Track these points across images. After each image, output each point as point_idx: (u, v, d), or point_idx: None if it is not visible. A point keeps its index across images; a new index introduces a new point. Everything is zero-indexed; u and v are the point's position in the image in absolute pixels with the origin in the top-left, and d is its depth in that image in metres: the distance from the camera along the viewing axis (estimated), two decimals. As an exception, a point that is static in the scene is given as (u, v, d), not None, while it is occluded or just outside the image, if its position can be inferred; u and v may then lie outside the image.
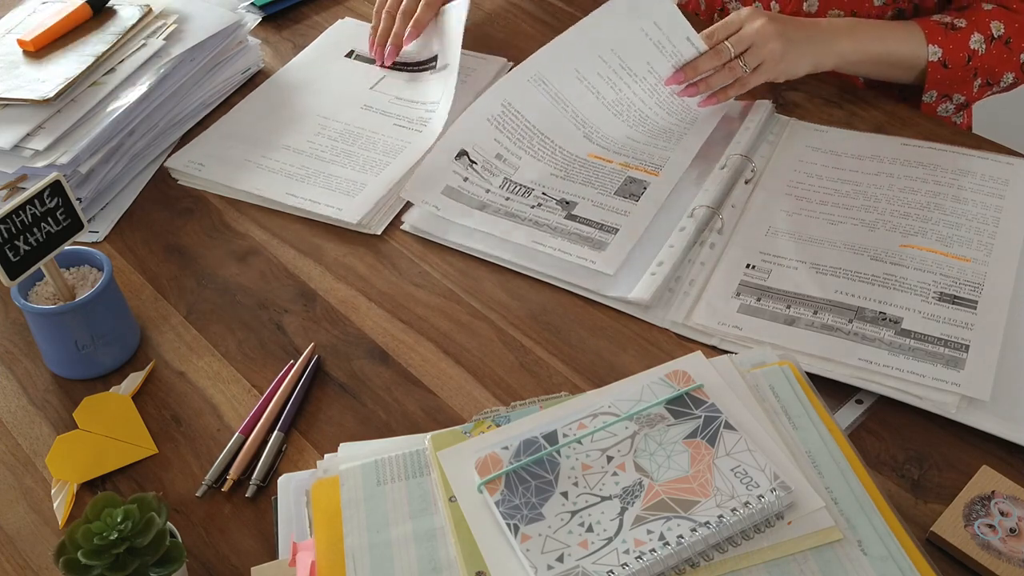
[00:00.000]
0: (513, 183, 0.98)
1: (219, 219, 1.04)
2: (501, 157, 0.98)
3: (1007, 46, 1.07)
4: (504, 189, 0.98)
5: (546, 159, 1.01)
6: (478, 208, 0.98)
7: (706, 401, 0.73)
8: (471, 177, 0.97)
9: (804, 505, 0.67)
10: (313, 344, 0.90)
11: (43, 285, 0.86)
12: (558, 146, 1.03)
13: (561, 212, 0.98)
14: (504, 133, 1.01)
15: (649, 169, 1.02)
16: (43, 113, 1.02)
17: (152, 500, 0.67)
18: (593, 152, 1.04)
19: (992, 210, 0.97)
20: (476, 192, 0.98)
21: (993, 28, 1.07)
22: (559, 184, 1.01)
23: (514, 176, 0.99)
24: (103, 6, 1.14)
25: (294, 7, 1.35)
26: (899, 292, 0.89)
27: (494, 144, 1.02)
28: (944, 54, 1.06)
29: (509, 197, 0.97)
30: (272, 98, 1.18)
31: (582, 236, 0.96)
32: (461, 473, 0.70)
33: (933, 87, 1.09)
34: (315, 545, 0.68)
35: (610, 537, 0.65)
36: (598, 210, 0.99)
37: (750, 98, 1.12)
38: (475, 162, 0.98)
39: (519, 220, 0.98)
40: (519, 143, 1.02)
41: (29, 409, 0.86)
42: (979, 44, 1.06)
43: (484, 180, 0.97)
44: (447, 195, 0.98)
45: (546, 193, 0.99)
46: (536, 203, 0.97)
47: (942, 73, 1.07)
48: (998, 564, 0.70)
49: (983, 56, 1.07)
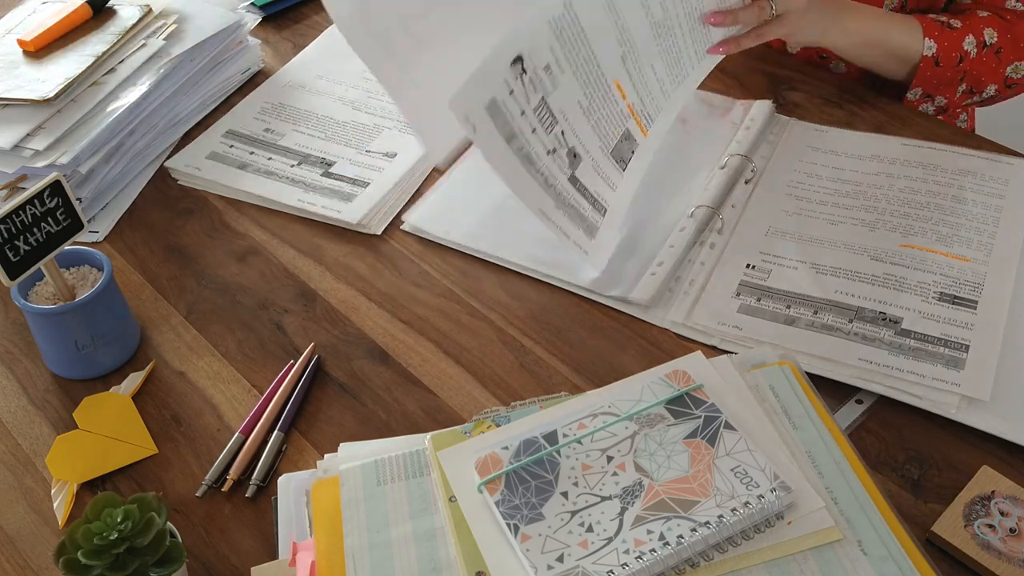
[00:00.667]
0: (547, 108, 0.89)
1: (219, 219, 1.04)
2: (548, 70, 0.90)
3: (996, 56, 1.06)
4: (536, 113, 0.88)
5: (582, 77, 0.91)
6: (506, 137, 0.86)
7: (706, 401, 0.73)
8: (516, 90, 0.86)
9: (804, 505, 0.67)
10: (313, 344, 0.90)
11: (43, 285, 0.86)
12: (597, 63, 0.92)
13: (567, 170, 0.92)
14: (559, 41, 0.89)
15: (643, 124, 0.98)
16: (43, 113, 1.02)
17: (152, 500, 0.67)
18: (618, 79, 0.95)
19: (992, 210, 0.97)
20: (513, 112, 0.86)
21: (987, 35, 1.06)
22: (576, 122, 0.92)
23: (549, 99, 0.89)
24: (103, 6, 1.14)
25: (294, 7, 1.35)
26: (899, 292, 0.89)
27: (548, 51, 0.89)
28: (938, 50, 1.06)
29: (535, 128, 0.88)
30: (272, 98, 1.18)
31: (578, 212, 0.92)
32: (461, 473, 0.70)
33: (920, 84, 1.09)
34: (315, 545, 0.68)
35: (610, 537, 0.65)
36: (595, 177, 0.94)
37: (750, 98, 1.12)
38: (525, 71, 0.86)
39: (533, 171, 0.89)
40: (569, 55, 0.90)
41: (29, 409, 0.86)
42: (972, 47, 1.06)
43: (525, 97, 0.87)
44: (489, 111, 0.85)
45: (564, 133, 0.91)
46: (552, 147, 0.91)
47: (932, 70, 1.07)
48: (998, 564, 0.70)
49: (973, 60, 1.06)
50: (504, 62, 0.86)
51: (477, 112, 0.85)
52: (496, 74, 0.86)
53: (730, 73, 1.18)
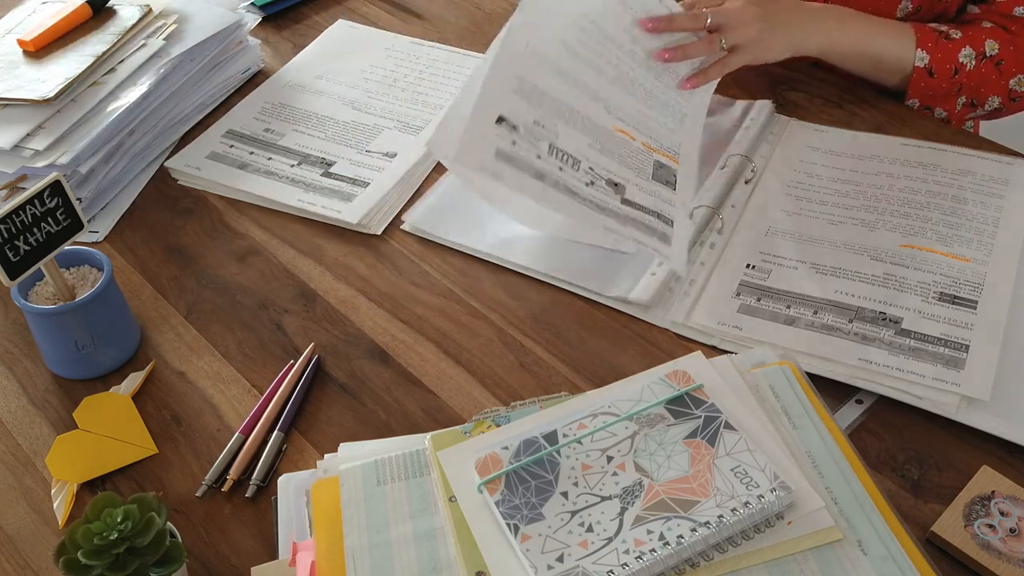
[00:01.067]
0: (560, 151, 0.89)
1: (219, 219, 1.04)
2: (538, 123, 0.89)
3: (997, 68, 1.05)
4: (554, 156, 0.88)
5: (579, 127, 0.92)
6: (537, 176, 0.87)
7: (706, 401, 0.73)
8: (517, 141, 0.86)
9: (804, 505, 0.67)
10: (313, 344, 0.90)
11: (43, 285, 0.86)
12: (583, 116, 0.93)
13: (616, 196, 0.91)
14: (531, 103, 0.89)
15: (669, 155, 0.98)
16: (43, 113, 1.02)
17: (152, 500, 0.67)
18: (616, 126, 0.95)
19: (992, 210, 0.97)
20: (529, 158, 0.87)
21: (987, 47, 1.05)
22: (600, 159, 0.92)
23: (558, 143, 0.89)
24: (103, 6, 1.14)
25: (294, 7, 1.35)
26: (899, 292, 0.89)
27: (527, 111, 0.89)
28: (931, 61, 1.05)
29: (562, 167, 0.88)
30: (272, 98, 1.18)
31: (645, 224, 0.91)
32: (461, 473, 0.70)
33: (916, 95, 1.08)
34: (315, 545, 0.68)
35: (610, 537, 0.65)
36: (648, 197, 0.93)
37: (750, 98, 1.12)
38: (516, 127, 0.86)
39: (580, 199, 0.89)
40: (549, 111, 0.90)
41: (29, 409, 0.86)
42: (968, 59, 1.04)
43: (532, 145, 0.87)
44: (502, 159, 0.85)
45: (593, 168, 0.91)
46: (589, 180, 0.90)
47: (926, 81, 1.06)
48: (998, 564, 0.70)
49: (970, 72, 1.05)
50: (488, 122, 0.86)
51: (491, 162, 0.85)
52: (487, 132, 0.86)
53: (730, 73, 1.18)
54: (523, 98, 0.89)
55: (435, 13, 1.33)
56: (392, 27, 1.30)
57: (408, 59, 1.24)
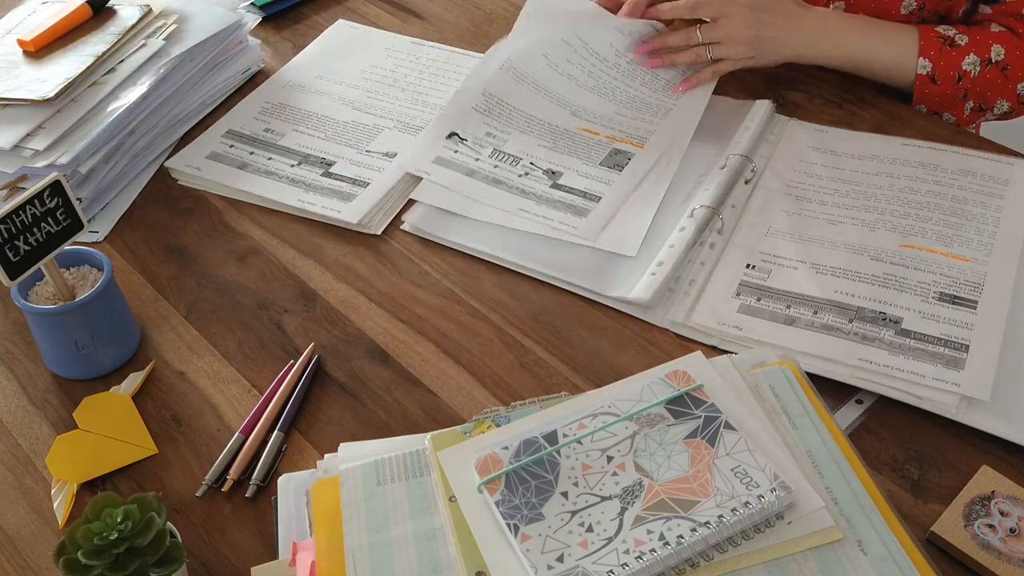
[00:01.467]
0: (503, 153, 1.03)
1: (219, 219, 1.04)
2: (490, 135, 1.03)
3: (1003, 72, 1.05)
4: (493, 158, 1.03)
5: (535, 133, 1.06)
6: (466, 174, 1.02)
7: (706, 401, 0.73)
8: (461, 150, 1.03)
9: (804, 505, 0.67)
10: (313, 344, 0.90)
11: (43, 285, 0.86)
12: (546, 123, 1.07)
13: (547, 182, 1.01)
14: (490, 117, 1.06)
15: (634, 141, 1.06)
16: (43, 113, 1.02)
17: (152, 500, 0.67)
18: (581, 126, 1.07)
19: (992, 210, 0.97)
20: (466, 161, 1.03)
21: (993, 52, 1.05)
22: (546, 155, 1.05)
23: (504, 147, 1.04)
24: (103, 6, 1.14)
25: (294, 7, 1.35)
26: (899, 292, 0.89)
27: (481, 125, 1.07)
28: (934, 69, 1.05)
29: (498, 165, 1.02)
30: (272, 98, 1.18)
31: (565, 203, 0.99)
32: (461, 473, 0.70)
33: (922, 101, 1.08)
34: (315, 545, 0.68)
35: (610, 537, 0.65)
36: (583, 179, 1.02)
37: (750, 98, 1.12)
38: (464, 139, 1.03)
39: (506, 187, 1.01)
40: (506, 122, 1.06)
41: (29, 409, 0.86)
42: (973, 66, 1.04)
43: (474, 151, 1.02)
44: (438, 164, 1.03)
45: (533, 163, 1.03)
46: (524, 172, 1.01)
47: (930, 88, 1.06)
48: (998, 564, 0.70)
49: (975, 79, 1.05)
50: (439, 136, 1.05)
51: (426, 165, 1.03)
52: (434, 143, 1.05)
53: (730, 73, 1.18)
54: (482, 113, 1.06)
55: (435, 13, 1.33)
56: (392, 27, 1.30)
57: (408, 59, 1.24)
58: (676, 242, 0.95)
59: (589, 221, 0.98)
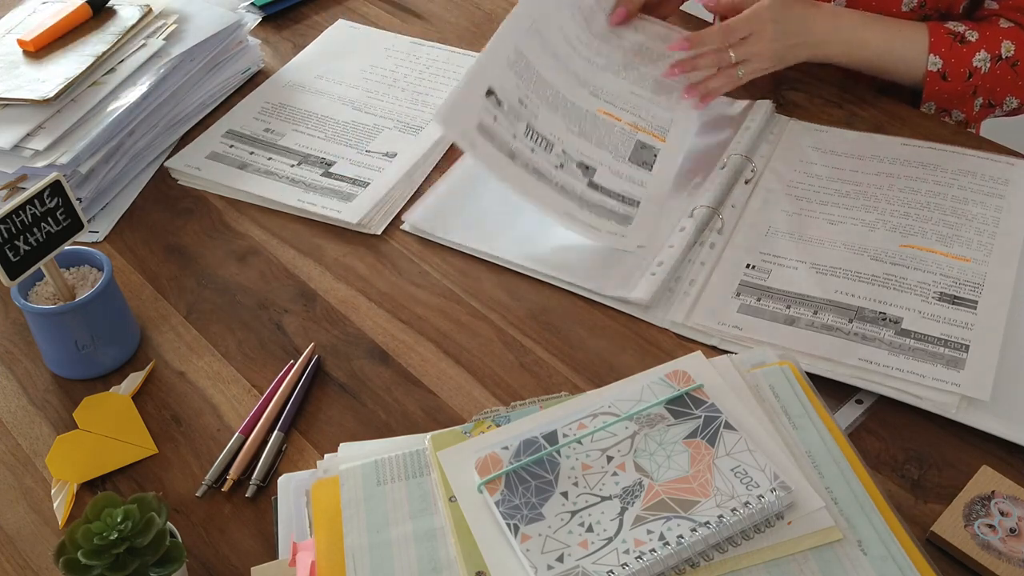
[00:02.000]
0: (536, 133, 0.97)
1: (219, 219, 1.04)
2: (522, 103, 0.96)
3: (1013, 68, 1.04)
4: (529, 138, 0.97)
5: (561, 111, 1.01)
6: (508, 155, 0.94)
7: (706, 401, 0.73)
8: (499, 117, 0.95)
9: (804, 505, 0.67)
10: (313, 344, 0.90)
11: (43, 285, 0.86)
12: (569, 100, 1.02)
13: (583, 179, 0.98)
14: (522, 80, 0.98)
15: (656, 134, 1.04)
16: (43, 113, 1.02)
17: (152, 500, 0.67)
18: (602, 108, 1.03)
19: (992, 210, 0.97)
20: (505, 137, 0.95)
21: (1003, 48, 1.04)
22: (576, 142, 1.00)
23: (536, 125, 0.98)
24: (103, 6, 1.14)
25: (294, 7, 1.35)
26: (899, 292, 0.89)
27: (515, 88, 0.97)
28: (944, 66, 1.04)
29: (534, 148, 0.96)
30: (272, 98, 1.18)
31: (607, 209, 0.98)
32: (461, 473, 0.70)
33: (931, 98, 1.07)
34: (315, 545, 0.68)
35: (610, 537, 0.65)
36: (616, 179, 1.00)
37: (750, 98, 1.12)
38: (501, 103, 0.95)
39: (548, 183, 0.96)
40: (536, 91, 0.99)
41: (29, 409, 0.86)
42: (983, 62, 1.04)
43: (511, 124, 0.95)
44: (482, 134, 0.93)
45: (566, 151, 0.99)
46: (559, 163, 0.96)
47: (940, 85, 1.05)
48: (998, 564, 0.70)
49: (985, 75, 1.04)
50: (479, 92, 0.94)
51: (471, 133, 0.93)
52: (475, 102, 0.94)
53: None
54: (515, 73, 0.97)
55: (435, 13, 1.33)
56: (392, 27, 1.30)
57: (408, 59, 1.24)
58: (676, 242, 0.95)
59: (634, 228, 0.97)
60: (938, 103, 1.09)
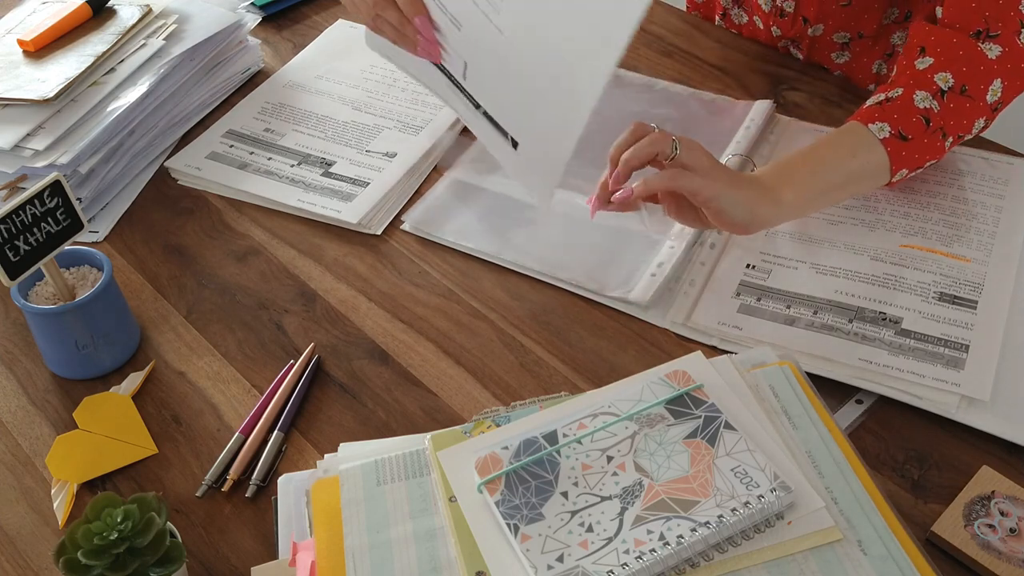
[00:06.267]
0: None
1: (219, 219, 1.04)
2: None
3: (965, 95, 0.92)
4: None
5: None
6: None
7: (706, 401, 0.73)
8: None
9: (804, 505, 0.67)
10: (313, 344, 0.90)
11: (43, 285, 0.86)
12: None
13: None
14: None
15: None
16: (43, 113, 1.02)
17: (152, 500, 0.67)
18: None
19: (992, 210, 0.97)
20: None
21: (940, 81, 0.92)
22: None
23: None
24: (103, 6, 1.14)
25: (294, 7, 1.35)
26: (899, 292, 0.89)
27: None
28: (892, 125, 0.90)
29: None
30: (272, 98, 1.18)
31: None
32: (461, 473, 0.70)
33: (903, 164, 0.91)
34: (315, 545, 0.68)
35: (610, 537, 0.65)
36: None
37: (750, 98, 1.12)
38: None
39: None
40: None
41: (29, 409, 0.86)
42: (928, 102, 0.91)
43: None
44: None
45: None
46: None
47: (903, 146, 0.90)
48: (998, 564, 0.70)
49: (941, 112, 0.91)
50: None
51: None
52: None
53: (730, 73, 1.18)
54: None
55: (435, 13, 1.33)
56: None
57: (408, 59, 1.24)
58: (676, 242, 0.95)
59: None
60: (909, 166, 0.92)
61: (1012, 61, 0.92)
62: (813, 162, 0.89)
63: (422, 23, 0.88)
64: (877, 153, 0.90)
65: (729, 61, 1.20)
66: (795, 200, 0.87)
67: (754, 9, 1.21)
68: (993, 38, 0.92)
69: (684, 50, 1.22)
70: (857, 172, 0.90)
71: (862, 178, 0.91)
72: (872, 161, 0.90)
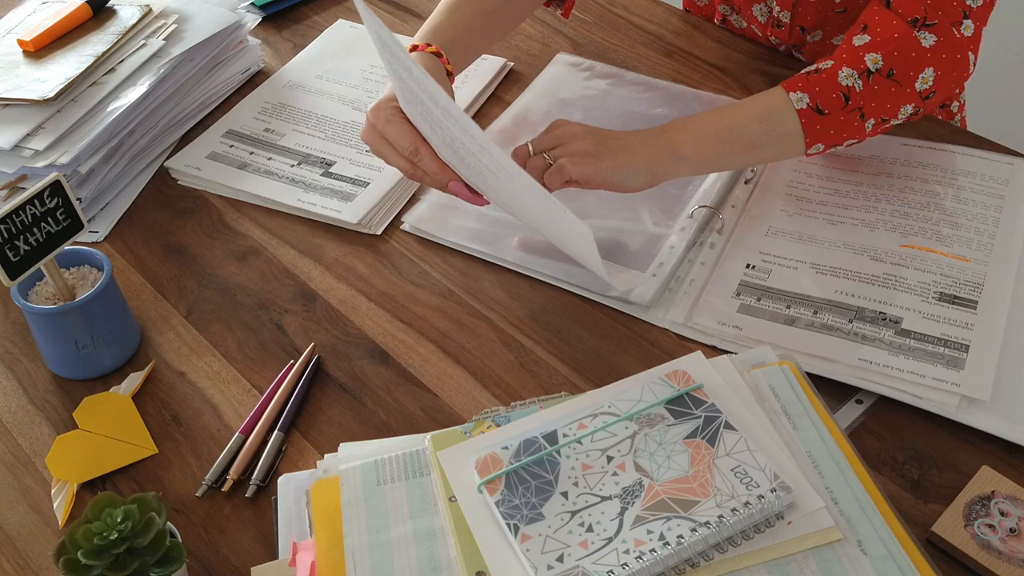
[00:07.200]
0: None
1: (219, 219, 1.04)
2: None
3: (891, 79, 0.91)
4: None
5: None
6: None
7: (706, 401, 0.73)
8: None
9: (804, 505, 0.67)
10: (313, 344, 0.90)
11: (43, 285, 0.86)
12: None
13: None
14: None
15: None
16: (43, 113, 1.02)
17: (152, 500, 0.67)
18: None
19: (992, 210, 0.97)
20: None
21: (869, 62, 0.91)
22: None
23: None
24: (103, 6, 1.14)
25: (294, 7, 1.35)
26: (899, 292, 0.89)
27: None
28: (812, 98, 0.91)
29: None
30: (272, 98, 1.18)
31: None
32: (461, 473, 0.70)
33: (817, 139, 0.92)
34: (315, 545, 0.68)
35: (610, 537, 0.65)
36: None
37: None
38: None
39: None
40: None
41: (29, 409, 0.86)
42: (852, 79, 0.91)
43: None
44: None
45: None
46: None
47: (818, 120, 0.91)
48: (998, 564, 0.70)
49: (863, 92, 0.91)
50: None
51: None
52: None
53: (730, 73, 1.18)
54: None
55: (435, 13, 1.33)
56: (392, 27, 1.30)
57: (408, 59, 1.24)
58: (676, 242, 0.95)
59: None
60: (825, 142, 0.92)
61: (947, 51, 0.92)
62: (721, 122, 0.91)
63: (456, 188, 0.87)
64: (791, 122, 0.91)
65: (729, 61, 1.20)
66: (695, 157, 0.90)
67: (751, 20, 1.21)
68: (929, 27, 0.92)
69: (684, 50, 1.22)
70: (766, 138, 0.91)
71: (771, 143, 0.92)
72: (785, 129, 0.91)
